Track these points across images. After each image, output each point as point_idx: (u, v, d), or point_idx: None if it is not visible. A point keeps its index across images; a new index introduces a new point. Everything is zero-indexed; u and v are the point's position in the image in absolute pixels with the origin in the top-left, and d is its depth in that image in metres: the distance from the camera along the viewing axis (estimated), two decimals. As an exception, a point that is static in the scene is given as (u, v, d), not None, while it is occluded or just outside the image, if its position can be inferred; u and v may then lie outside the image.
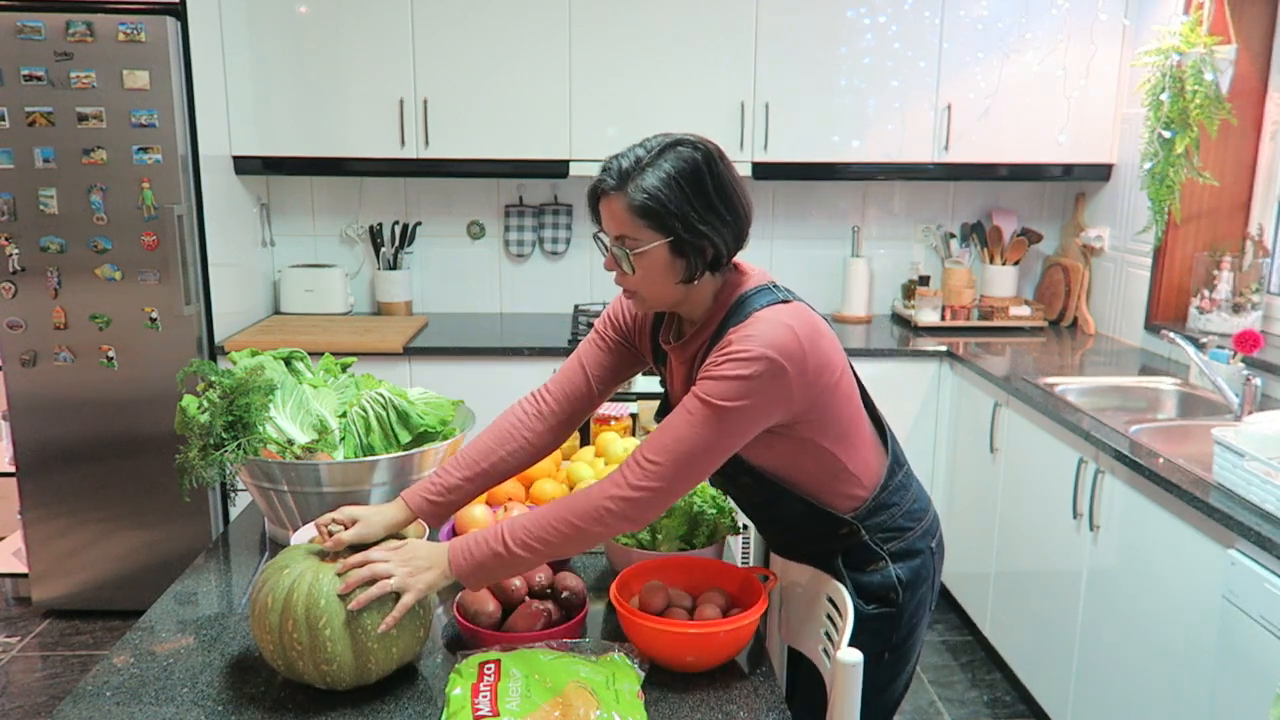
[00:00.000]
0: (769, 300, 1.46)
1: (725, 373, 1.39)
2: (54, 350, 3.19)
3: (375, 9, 3.40)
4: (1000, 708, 2.99)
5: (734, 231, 1.44)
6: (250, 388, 1.76)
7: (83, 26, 2.99)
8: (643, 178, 1.39)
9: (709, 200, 1.40)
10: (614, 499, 1.41)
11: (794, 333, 1.40)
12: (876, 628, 1.60)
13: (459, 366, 3.36)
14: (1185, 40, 3.01)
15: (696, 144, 1.42)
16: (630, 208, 1.40)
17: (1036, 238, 3.85)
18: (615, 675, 1.35)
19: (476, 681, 1.31)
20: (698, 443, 1.40)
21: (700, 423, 1.40)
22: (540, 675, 1.32)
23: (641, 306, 1.51)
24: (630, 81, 3.46)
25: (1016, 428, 2.92)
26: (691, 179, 1.40)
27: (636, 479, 1.41)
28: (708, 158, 1.42)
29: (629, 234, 1.41)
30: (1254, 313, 3.04)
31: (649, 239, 1.41)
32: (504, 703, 1.27)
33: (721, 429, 1.40)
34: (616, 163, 1.43)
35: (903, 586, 1.62)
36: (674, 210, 1.38)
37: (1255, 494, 1.93)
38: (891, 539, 1.61)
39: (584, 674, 1.33)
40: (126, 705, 1.36)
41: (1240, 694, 1.91)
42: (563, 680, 1.31)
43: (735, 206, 1.43)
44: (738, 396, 1.38)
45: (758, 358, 1.37)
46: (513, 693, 1.28)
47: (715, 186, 1.41)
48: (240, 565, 1.85)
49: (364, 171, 3.61)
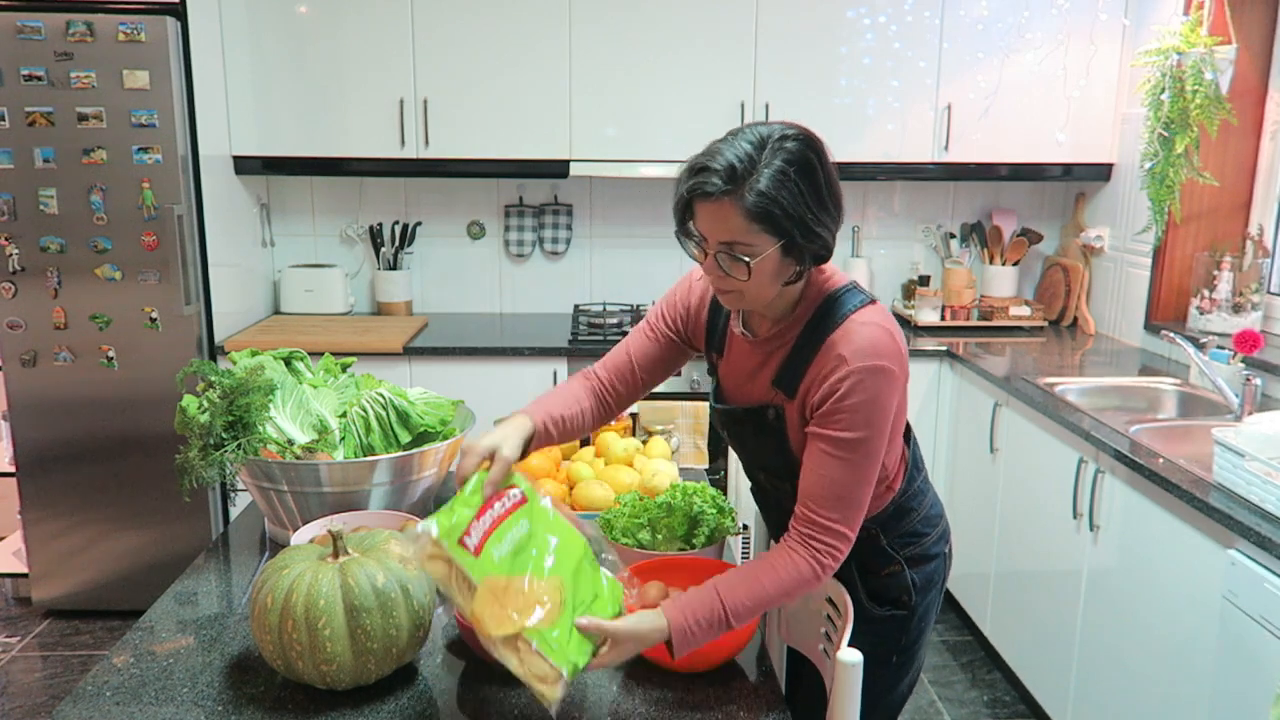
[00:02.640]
0: (859, 302, 1.44)
1: (851, 403, 1.37)
2: (54, 350, 3.19)
3: (375, 9, 3.40)
4: (1000, 708, 2.99)
5: (839, 224, 1.39)
6: (250, 388, 1.77)
7: (83, 26, 2.99)
8: (758, 179, 1.30)
9: (820, 196, 1.34)
10: (809, 562, 1.39)
11: (891, 335, 1.42)
12: (886, 630, 1.59)
13: (459, 366, 3.36)
14: (1185, 40, 3.01)
15: (801, 135, 1.34)
16: (746, 212, 1.30)
17: (1036, 238, 3.85)
18: (599, 597, 1.32)
19: (487, 504, 1.27)
20: (859, 481, 1.40)
21: (854, 460, 1.39)
22: (541, 541, 1.30)
23: (736, 304, 1.46)
24: (630, 81, 3.46)
25: (1016, 428, 2.92)
26: (806, 175, 1.32)
27: (823, 536, 1.40)
28: (816, 149, 1.35)
29: (741, 240, 1.32)
30: (1254, 313, 3.03)
31: (764, 244, 1.33)
32: (493, 545, 1.24)
33: (870, 456, 1.40)
34: (722, 160, 1.31)
35: (915, 590, 1.62)
36: (792, 212, 1.31)
37: (1255, 494, 1.93)
38: (909, 544, 1.61)
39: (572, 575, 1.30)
40: (126, 705, 1.36)
41: (1240, 694, 1.91)
42: (557, 564, 1.29)
43: (839, 197, 1.38)
44: (869, 420, 1.38)
45: (869, 370, 1.37)
46: (507, 541, 1.25)
47: (826, 179, 1.35)
48: (240, 565, 1.85)
49: (364, 171, 3.61)
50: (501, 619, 1.21)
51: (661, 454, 2.08)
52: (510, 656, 1.21)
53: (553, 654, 1.22)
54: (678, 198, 1.37)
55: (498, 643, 1.21)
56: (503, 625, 1.21)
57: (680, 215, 1.39)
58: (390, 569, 1.38)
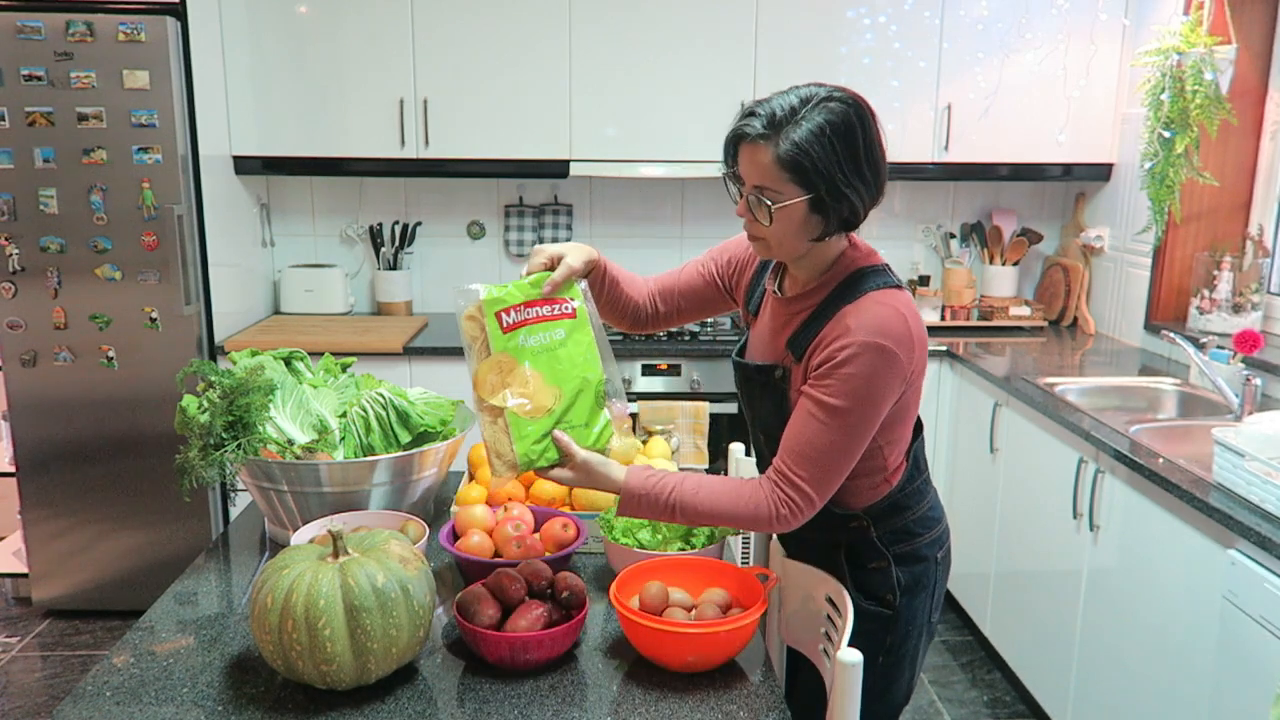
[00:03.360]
0: (882, 283, 1.47)
1: (845, 372, 1.40)
2: (54, 350, 3.19)
3: (375, 9, 3.40)
4: (1000, 708, 2.99)
5: (873, 194, 1.43)
6: (250, 388, 1.77)
7: (83, 26, 2.99)
8: (795, 129, 1.35)
9: (857, 161, 1.38)
10: (770, 502, 1.46)
11: (905, 320, 1.43)
12: (871, 629, 1.59)
13: (459, 366, 3.31)
14: (1185, 40, 3.01)
15: (848, 99, 1.39)
16: (777, 159, 1.37)
17: (1036, 238, 3.85)
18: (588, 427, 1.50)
19: (541, 301, 1.50)
20: (836, 450, 1.43)
21: (834, 427, 1.42)
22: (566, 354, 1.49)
23: (764, 253, 1.54)
24: (630, 81, 3.46)
25: (1016, 428, 2.92)
26: (844, 136, 1.36)
27: (787, 489, 1.45)
28: (860, 115, 1.39)
29: (770, 186, 1.39)
30: (1254, 313, 3.04)
31: (791, 194, 1.38)
32: (524, 333, 1.48)
33: (852, 429, 1.43)
34: (768, 108, 1.38)
35: (900, 590, 1.62)
36: (821, 168, 1.35)
37: (1255, 494, 1.93)
38: (900, 541, 1.61)
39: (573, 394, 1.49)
40: (126, 705, 1.36)
41: (1240, 694, 1.91)
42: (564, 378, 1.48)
43: (880, 168, 1.42)
44: (858, 393, 1.40)
45: (870, 347, 1.39)
46: (539, 337, 1.49)
47: (865, 145, 1.38)
48: (240, 565, 1.85)
49: (364, 171, 3.61)
50: (496, 389, 1.45)
51: (661, 454, 2.08)
52: (486, 422, 1.45)
53: (518, 441, 1.44)
54: (727, 138, 1.45)
55: (483, 406, 1.46)
56: (494, 394, 1.45)
57: (727, 155, 1.46)
58: (390, 569, 1.38)
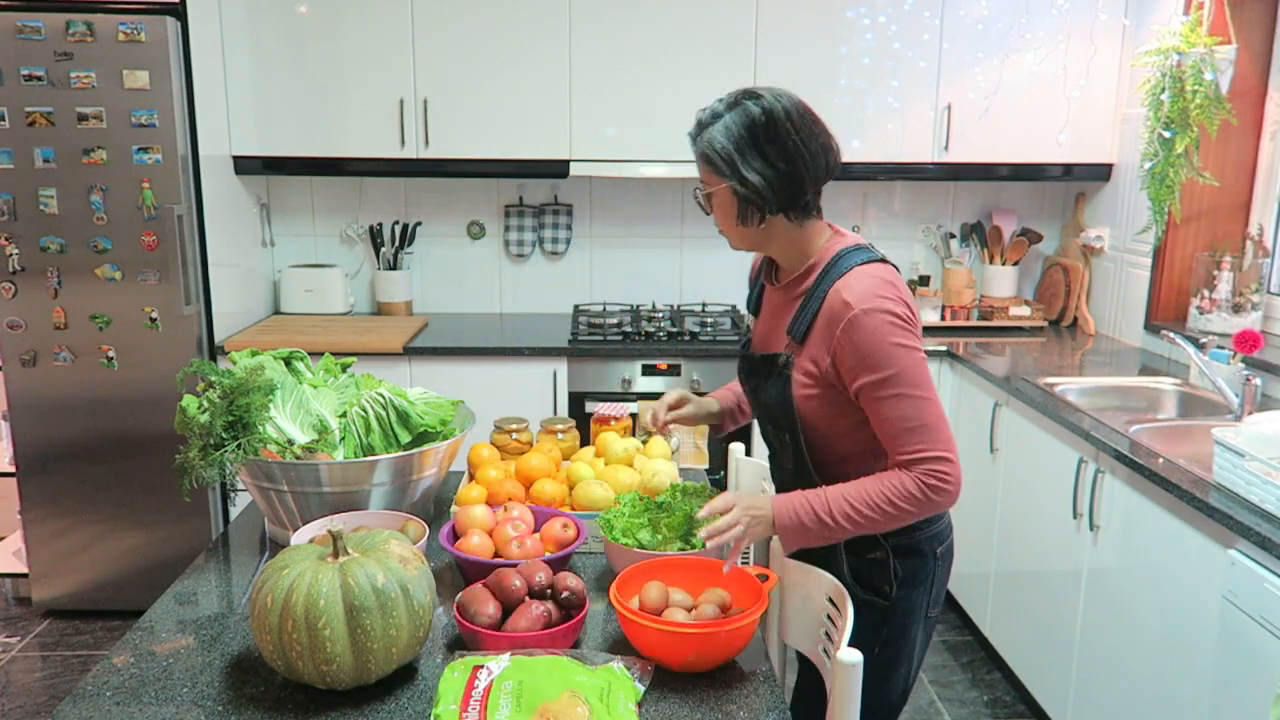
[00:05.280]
0: (866, 258, 1.60)
1: (865, 347, 1.52)
2: (54, 350, 3.19)
3: (375, 9, 3.40)
4: (1000, 708, 2.99)
5: (785, 177, 1.56)
6: (250, 388, 1.77)
7: (83, 26, 2.99)
8: (709, 129, 1.58)
9: (759, 148, 1.55)
10: (914, 483, 1.51)
11: (892, 284, 1.56)
12: (868, 619, 1.63)
13: (459, 366, 3.36)
14: (1185, 40, 3.01)
15: (763, 99, 1.56)
16: (699, 155, 1.61)
17: (1036, 238, 3.85)
18: (612, 685, 1.34)
19: (467, 693, 1.30)
20: (918, 406, 1.51)
21: (902, 395, 1.51)
22: (534, 682, 1.31)
23: (732, 245, 1.69)
24: (630, 81, 3.46)
25: (1016, 428, 2.92)
26: (748, 129, 1.55)
27: (924, 465, 1.51)
28: (769, 110, 1.55)
29: (701, 179, 1.63)
30: (1254, 313, 3.04)
31: (713, 183, 1.60)
32: (493, 714, 1.26)
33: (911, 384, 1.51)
34: (700, 115, 1.62)
35: (897, 581, 1.66)
36: (724, 158, 1.56)
37: (1255, 494, 1.93)
38: (898, 533, 1.64)
39: (580, 681, 1.33)
40: (126, 705, 1.36)
41: (1240, 694, 1.91)
42: (557, 688, 1.31)
43: (787, 154, 1.56)
44: (886, 354, 1.51)
45: (870, 312, 1.51)
46: (503, 705, 1.28)
47: (769, 135, 1.55)
48: (240, 565, 1.85)
49: (364, 171, 3.61)
50: None
51: (661, 454, 2.08)
52: None
53: None
54: None
55: None
56: None
57: None
58: (390, 569, 1.38)
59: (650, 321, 3.63)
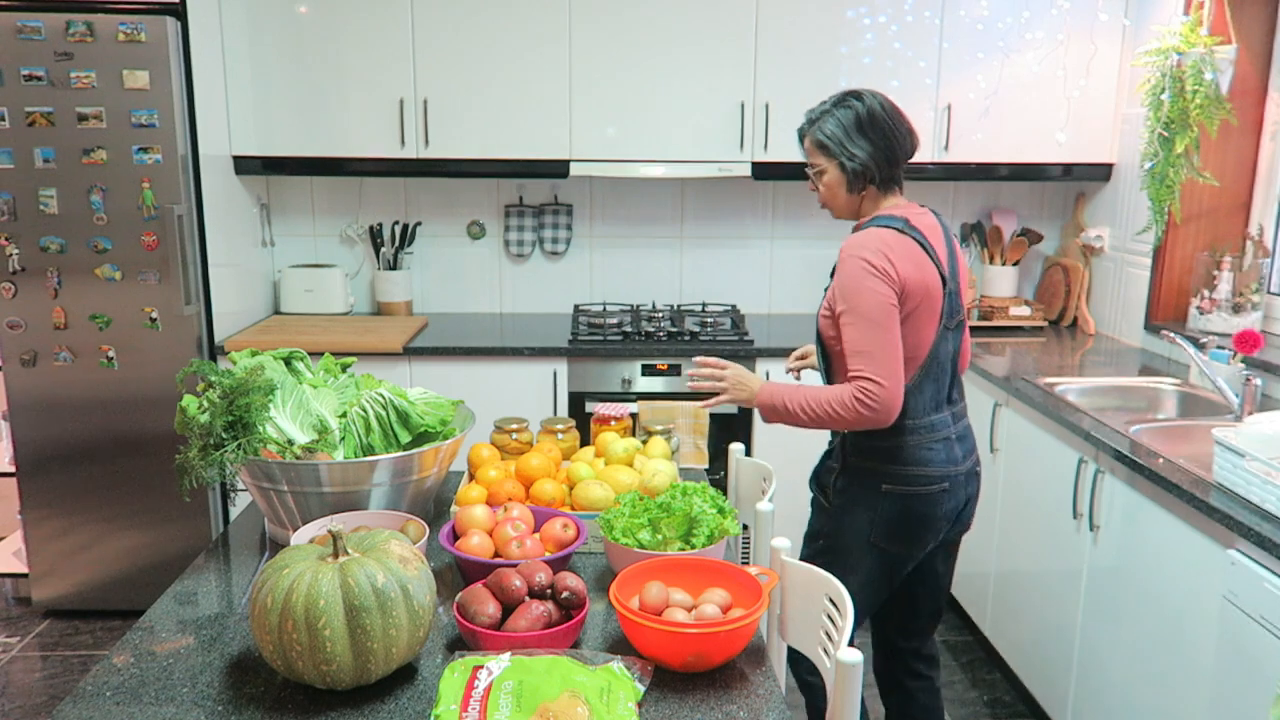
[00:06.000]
0: (884, 223, 1.98)
1: (838, 281, 1.94)
2: (54, 350, 3.20)
3: (375, 9, 3.40)
4: (1000, 708, 2.99)
5: (884, 152, 2.01)
6: (250, 388, 1.77)
7: (83, 26, 2.99)
8: (821, 122, 2.03)
9: (860, 130, 2.00)
10: (850, 393, 1.88)
11: (881, 239, 1.92)
12: (816, 518, 2.13)
13: (459, 366, 3.36)
14: (1185, 40, 3.01)
15: (858, 96, 2.03)
16: (812, 143, 2.05)
17: (1036, 238, 3.85)
18: (612, 685, 1.34)
19: (467, 693, 1.30)
20: (867, 339, 1.88)
21: (854, 324, 1.90)
22: (534, 682, 1.32)
23: (833, 214, 2.13)
24: (630, 81, 3.46)
25: (1016, 428, 2.92)
26: (847, 118, 2.01)
27: (859, 381, 1.88)
28: (861, 101, 2.02)
29: (811, 161, 2.06)
30: (1254, 313, 3.04)
31: (824, 164, 2.04)
32: (493, 714, 1.26)
33: (864, 321, 1.88)
34: (808, 114, 2.07)
35: (836, 491, 2.06)
36: (835, 143, 2.01)
37: (1255, 494, 1.93)
38: (860, 453, 2.02)
39: (580, 681, 1.33)
40: (126, 705, 1.36)
41: (1240, 694, 1.91)
42: (557, 688, 1.31)
43: (887, 133, 2.00)
44: (851, 291, 1.90)
45: (849, 258, 1.92)
46: (503, 705, 1.28)
47: (868, 122, 2.00)
48: (240, 565, 1.85)
49: (364, 171, 3.61)
50: None
51: (661, 454, 2.08)
52: None
53: None
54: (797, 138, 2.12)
55: None
56: None
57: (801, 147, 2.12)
58: (390, 569, 1.38)
59: (650, 321, 3.63)
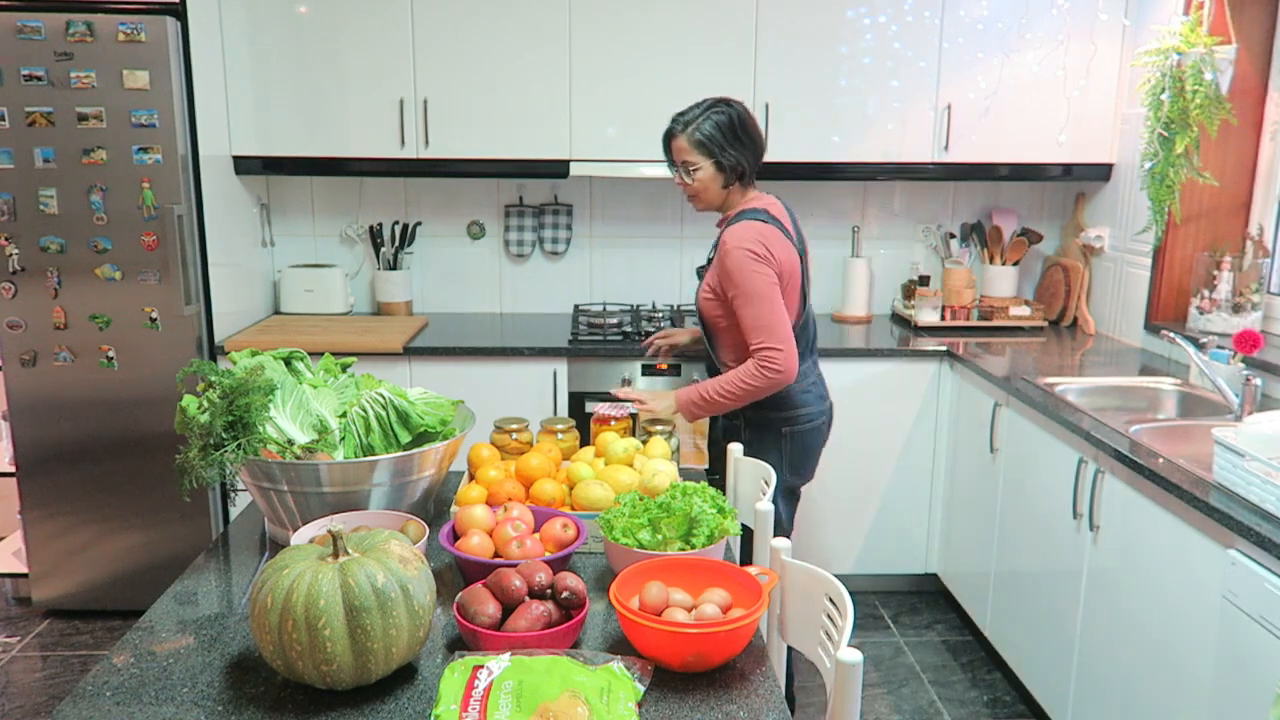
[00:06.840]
0: (750, 217, 2.38)
1: (726, 269, 2.34)
2: (54, 350, 3.20)
3: (375, 9, 3.40)
4: (1000, 708, 2.99)
5: (754, 158, 2.43)
6: (250, 388, 1.77)
7: (83, 26, 2.99)
8: (697, 123, 2.38)
9: (734, 134, 2.38)
10: (757, 365, 2.31)
11: (758, 232, 2.34)
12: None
13: (459, 366, 3.36)
14: (1185, 40, 3.01)
15: (725, 105, 2.40)
16: (690, 142, 2.38)
17: (1036, 238, 3.85)
18: (612, 685, 1.33)
19: (467, 693, 1.30)
20: (760, 313, 2.30)
21: (746, 304, 2.32)
22: (534, 682, 1.32)
23: (699, 206, 2.49)
24: (630, 81, 3.46)
25: (1016, 428, 2.92)
26: (721, 122, 2.38)
27: (760, 353, 2.30)
28: (735, 110, 2.40)
29: (686, 159, 2.40)
30: (1254, 313, 3.04)
31: (700, 162, 2.39)
32: (493, 714, 1.26)
33: (755, 299, 2.30)
34: (680, 117, 2.42)
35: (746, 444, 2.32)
36: (715, 144, 2.38)
37: (1255, 494, 1.93)
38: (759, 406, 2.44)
39: (580, 681, 1.33)
40: (126, 705, 1.36)
41: (1240, 694, 1.91)
42: (557, 688, 1.31)
43: (755, 138, 2.42)
44: (740, 276, 2.31)
45: (733, 250, 2.32)
46: (503, 705, 1.28)
47: (738, 126, 2.39)
48: (240, 565, 1.85)
49: (364, 171, 3.61)
50: None
51: (661, 454, 2.08)
52: None
53: None
54: (663, 140, 2.46)
55: None
56: None
57: (665, 150, 2.47)
58: (390, 569, 1.38)
59: (650, 321, 3.63)
